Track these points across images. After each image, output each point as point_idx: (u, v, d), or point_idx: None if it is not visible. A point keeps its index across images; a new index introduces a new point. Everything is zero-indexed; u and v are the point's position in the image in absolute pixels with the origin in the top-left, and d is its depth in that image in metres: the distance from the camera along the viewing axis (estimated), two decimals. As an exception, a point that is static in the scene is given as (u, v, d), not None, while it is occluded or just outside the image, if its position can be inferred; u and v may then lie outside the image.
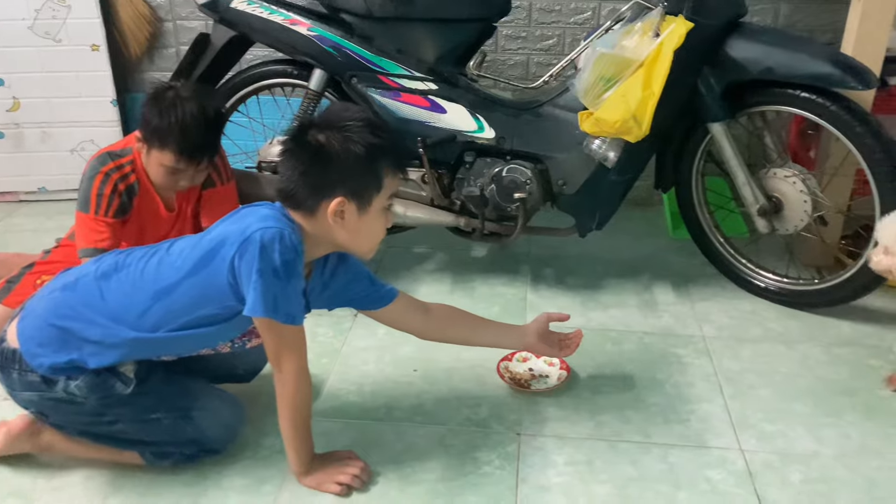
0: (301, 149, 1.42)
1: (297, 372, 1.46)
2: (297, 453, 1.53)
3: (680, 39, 1.89)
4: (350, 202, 1.42)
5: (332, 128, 1.41)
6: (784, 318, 2.19)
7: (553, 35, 2.82)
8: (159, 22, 2.99)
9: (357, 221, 1.44)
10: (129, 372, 1.51)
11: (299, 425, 1.51)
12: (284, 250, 1.37)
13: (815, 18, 2.70)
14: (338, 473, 1.54)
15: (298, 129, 1.44)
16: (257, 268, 1.35)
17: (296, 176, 1.41)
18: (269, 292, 1.36)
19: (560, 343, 1.84)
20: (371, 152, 1.40)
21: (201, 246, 1.44)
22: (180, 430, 1.55)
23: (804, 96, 1.99)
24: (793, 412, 1.79)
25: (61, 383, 1.47)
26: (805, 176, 2.10)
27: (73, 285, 1.50)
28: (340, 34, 2.18)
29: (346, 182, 1.41)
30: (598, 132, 1.98)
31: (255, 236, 1.36)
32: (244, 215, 1.44)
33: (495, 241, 2.32)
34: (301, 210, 1.44)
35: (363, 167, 1.41)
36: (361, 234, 1.47)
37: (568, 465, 1.62)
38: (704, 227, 2.33)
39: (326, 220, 1.42)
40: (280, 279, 1.37)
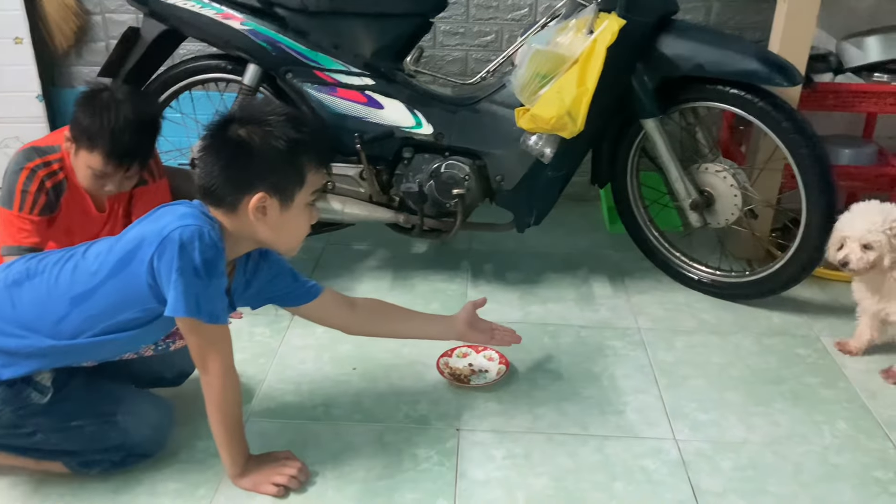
0: (221, 143, 1.39)
1: (223, 372, 1.43)
2: (230, 455, 1.51)
3: (613, 36, 1.91)
4: (272, 198, 1.39)
5: (253, 122, 1.38)
6: (717, 310, 2.24)
7: (491, 31, 2.83)
8: (87, 15, 2.89)
9: (279, 218, 1.42)
10: (46, 380, 1.46)
11: (230, 426, 1.48)
12: (204, 248, 1.34)
13: (744, 17, 2.77)
14: (274, 474, 1.52)
15: (218, 123, 1.41)
16: (177, 267, 1.32)
17: (216, 171, 1.38)
18: (191, 292, 1.34)
19: (492, 332, 1.85)
20: (293, 147, 1.38)
21: (118, 248, 1.39)
22: (105, 437, 1.50)
23: (733, 93, 2.04)
24: (725, 401, 1.83)
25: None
26: (735, 171, 2.15)
27: None
28: (275, 29, 2.14)
29: (268, 177, 1.39)
30: (534, 128, 1.99)
31: (174, 235, 1.33)
32: (161, 214, 1.40)
33: (435, 237, 2.31)
34: (222, 207, 1.41)
35: (285, 162, 1.39)
36: (284, 230, 1.45)
37: (506, 458, 1.63)
38: (639, 222, 2.37)
39: (248, 217, 1.40)
40: (201, 278, 1.34)
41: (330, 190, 2.24)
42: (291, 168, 1.40)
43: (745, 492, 1.55)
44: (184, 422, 1.69)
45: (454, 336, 1.84)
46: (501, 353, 1.95)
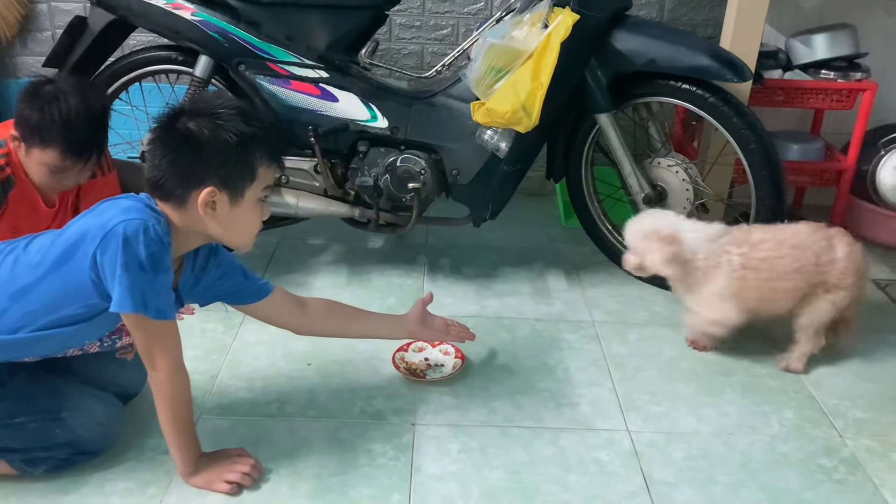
0: (170, 136, 1.36)
1: (171, 369, 1.41)
2: (181, 453, 1.48)
3: (567, 31, 1.92)
4: (221, 193, 1.37)
5: (203, 115, 1.35)
6: (669, 303, 2.27)
7: (447, 25, 2.83)
8: (32, 3, 2.81)
9: (229, 213, 1.40)
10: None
11: (181, 424, 1.46)
12: (149, 242, 1.32)
13: (696, 13, 2.81)
14: (227, 472, 1.50)
15: (167, 116, 1.38)
16: (122, 262, 1.30)
17: (164, 164, 1.36)
18: (136, 287, 1.31)
19: (446, 328, 1.85)
20: (244, 141, 1.36)
21: (60, 242, 1.36)
22: (49, 434, 1.46)
23: (685, 88, 2.07)
24: (677, 393, 1.86)
25: None
26: (687, 165, 2.19)
27: None
28: (226, 20, 2.11)
29: (217, 171, 1.36)
30: (489, 122, 2.00)
31: (118, 229, 1.30)
32: (105, 208, 1.37)
33: (391, 231, 2.30)
34: (170, 201, 1.38)
35: (235, 156, 1.36)
36: (235, 226, 1.43)
37: (462, 452, 1.63)
38: (594, 216, 2.39)
39: (197, 212, 1.37)
40: (146, 272, 1.32)
41: (284, 184, 2.21)
42: (242, 162, 1.38)
43: (696, 481, 1.58)
44: (133, 419, 1.66)
45: (406, 335, 1.84)
46: (457, 348, 1.95)
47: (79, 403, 1.51)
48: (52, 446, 1.48)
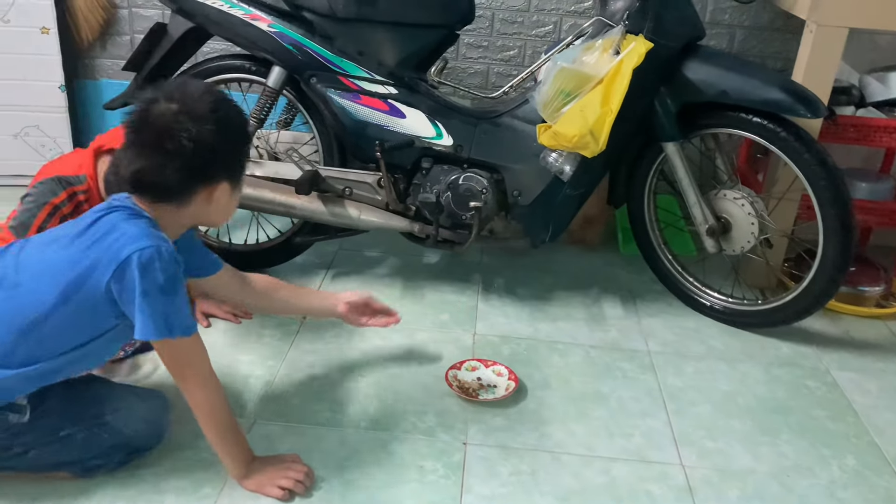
0: (169, 142, 1.33)
1: (203, 381, 1.43)
2: (231, 458, 1.50)
3: (639, 58, 1.91)
4: (228, 183, 1.42)
5: (199, 118, 1.34)
6: (726, 337, 2.23)
7: (514, 46, 2.84)
8: (114, 8, 2.91)
9: (228, 200, 1.45)
10: (21, 400, 1.42)
11: (224, 432, 1.47)
12: (165, 266, 1.33)
13: (767, 46, 2.78)
14: (280, 477, 1.51)
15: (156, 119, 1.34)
16: (140, 290, 1.31)
17: (169, 171, 1.34)
18: (159, 312, 1.32)
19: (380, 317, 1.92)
20: (244, 137, 1.43)
21: (66, 273, 1.35)
22: (98, 440, 1.47)
23: (756, 121, 2.04)
24: (732, 429, 1.83)
25: None
26: (753, 199, 2.15)
27: None
28: (302, 32, 2.15)
29: (229, 165, 1.41)
30: (555, 145, 2.00)
31: (132, 259, 1.31)
32: (112, 237, 1.35)
33: (448, 248, 2.31)
34: (170, 202, 1.39)
35: (239, 153, 1.42)
36: (227, 209, 1.47)
37: (512, 475, 1.62)
38: (654, 244, 2.37)
39: (200, 206, 1.41)
40: (168, 295, 1.33)
41: (347, 196, 2.24)
42: (244, 155, 1.45)
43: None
44: (188, 419, 1.69)
45: (333, 315, 1.87)
46: (511, 369, 1.94)
47: (118, 403, 1.52)
48: (104, 451, 1.49)
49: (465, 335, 2.14)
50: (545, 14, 2.80)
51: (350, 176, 2.24)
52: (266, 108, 2.27)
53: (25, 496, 1.48)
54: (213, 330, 2.05)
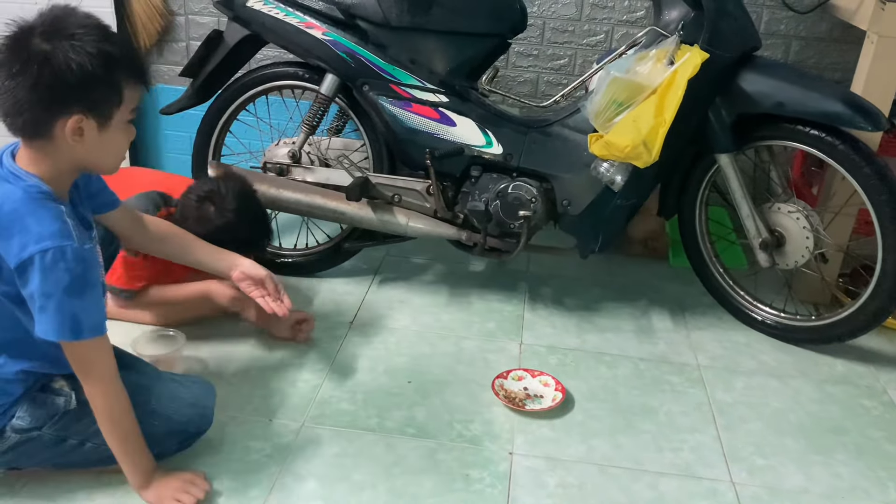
0: (24, 60, 1.24)
1: (107, 382, 1.38)
2: (132, 466, 1.45)
3: (695, 69, 1.89)
4: (89, 119, 1.30)
5: (58, 35, 1.25)
6: (777, 352, 2.19)
7: (565, 55, 2.83)
8: (171, 15, 2.98)
9: (98, 138, 1.32)
10: (65, 386, 1.45)
11: (124, 436, 1.43)
12: (70, 266, 1.28)
13: (824, 56, 2.72)
14: (181, 492, 1.47)
15: (16, 34, 1.27)
16: (42, 292, 1.27)
17: (22, 93, 1.25)
18: (65, 313, 1.28)
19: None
20: (108, 62, 1.28)
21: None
22: (150, 428, 1.48)
23: (813, 133, 2.00)
24: (784, 447, 1.79)
25: (7, 429, 1.42)
26: (809, 212, 2.11)
27: None
28: (355, 41, 2.17)
29: (83, 97, 1.28)
30: (607, 155, 1.98)
31: (34, 260, 1.26)
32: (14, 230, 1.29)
33: (495, 256, 2.31)
34: (35, 138, 1.31)
35: (99, 80, 1.27)
36: (104, 150, 1.36)
37: (559, 487, 1.61)
38: (705, 257, 2.33)
39: (65, 142, 1.30)
40: (73, 296, 1.28)
41: (396, 203, 2.25)
42: (107, 85, 1.30)
43: (803, 544, 1.51)
44: (239, 422, 1.72)
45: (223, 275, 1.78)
46: (558, 380, 1.93)
47: (162, 391, 1.53)
48: (158, 439, 1.50)
49: (511, 344, 2.13)
50: (597, 23, 2.78)
51: (399, 183, 2.25)
52: (318, 115, 2.29)
53: (81, 489, 1.51)
54: (264, 332, 2.08)
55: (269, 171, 2.32)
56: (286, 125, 2.68)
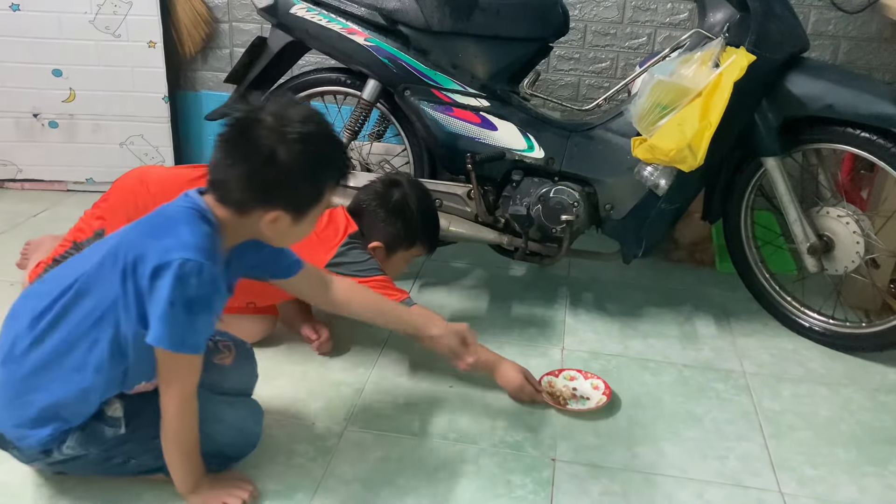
0: (248, 149, 1.31)
1: (182, 399, 1.40)
2: (181, 474, 1.47)
3: (741, 71, 1.86)
4: (286, 213, 1.36)
5: (284, 134, 1.31)
6: (826, 360, 2.14)
7: (606, 58, 2.81)
8: (216, 22, 3.03)
9: (288, 229, 1.39)
10: (117, 412, 1.45)
11: (184, 450, 1.45)
12: (202, 284, 1.30)
13: (875, 57, 2.67)
14: (226, 495, 1.49)
15: (246, 121, 1.33)
16: (169, 299, 1.28)
17: (236, 175, 1.33)
18: (177, 326, 1.30)
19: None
20: (322, 167, 1.35)
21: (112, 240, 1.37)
22: None
23: (864, 136, 1.96)
24: (834, 457, 1.75)
25: (55, 452, 1.43)
26: (859, 217, 2.06)
27: (11, 358, 1.40)
28: (397, 46, 2.18)
29: (291, 197, 1.36)
30: (651, 159, 1.96)
31: (174, 265, 1.28)
32: (164, 231, 1.34)
33: (537, 261, 2.30)
34: (232, 207, 1.36)
35: (310, 183, 1.36)
36: (288, 238, 1.44)
37: (603, 494, 1.60)
38: (751, 262, 2.29)
39: (256, 223, 1.37)
40: (191, 314, 1.31)
41: (437, 207, 2.25)
42: (314, 189, 1.38)
43: (855, 556, 1.47)
44: (282, 424, 1.73)
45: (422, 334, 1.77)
46: (608, 384, 1.92)
47: (210, 412, 1.51)
48: None
49: (553, 349, 2.12)
50: (639, 26, 2.76)
51: (440, 187, 2.26)
52: (360, 120, 2.31)
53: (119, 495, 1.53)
54: (307, 338, 2.09)
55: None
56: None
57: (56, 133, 3.01)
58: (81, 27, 2.87)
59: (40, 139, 3.02)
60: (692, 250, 2.66)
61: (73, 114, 2.99)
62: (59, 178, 3.08)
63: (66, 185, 3.10)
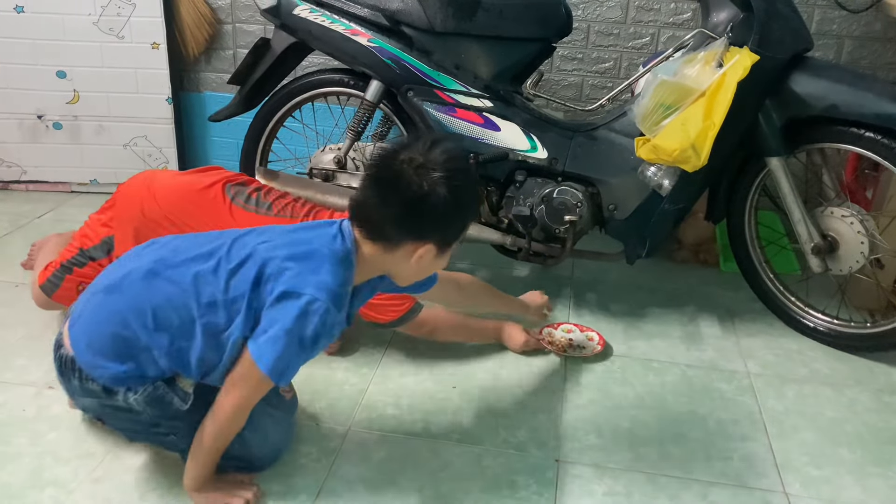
0: (400, 185, 1.36)
1: (239, 407, 1.42)
2: (198, 470, 1.49)
3: (744, 71, 1.86)
4: (435, 247, 1.42)
5: (431, 172, 1.35)
6: (831, 360, 2.14)
7: (610, 58, 2.81)
8: (219, 24, 3.03)
9: (430, 263, 1.44)
10: (188, 387, 1.48)
11: (215, 451, 1.48)
12: (321, 327, 1.35)
13: (879, 57, 2.66)
14: (229, 496, 1.50)
15: (388, 161, 1.38)
16: (287, 328, 1.33)
17: (389, 212, 1.38)
18: (285, 356, 1.35)
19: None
20: (471, 203, 1.45)
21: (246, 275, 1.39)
22: (228, 447, 1.50)
23: (868, 136, 1.95)
24: (839, 458, 1.74)
25: (121, 395, 1.44)
26: (863, 217, 2.06)
27: (117, 287, 1.45)
28: (400, 47, 2.18)
29: (442, 233, 1.42)
30: (654, 159, 1.96)
31: (304, 299, 1.33)
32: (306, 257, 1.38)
33: (540, 261, 2.30)
34: (379, 241, 1.41)
35: (459, 218, 1.44)
36: (425, 271, 1.51)
37: (606, 495, 1.59)
38: (755, 262, 2.29)
39: (404, 258, 1.42)
40: (303, 349, 1.36)
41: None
42: (462, 222, 1.46)
43: (860, 558, 1.47)
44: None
45: None
46: (601, 336, 2.13)
47: (258, 424, 1.54)
48: (225, 457, 1.52)
49: (557, 350, 2.12)
50: (642, 26, 2.75)
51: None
52: (363, 120, 2.31)
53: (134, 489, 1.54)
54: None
55: (314, 176, 2.34)
56: (332, 131, 2.71)
57: (60, 134, 3.02)
58: (85, 29, 2.87)
59: (44, 140, 3.03)
60: (696, 250, 2.66)
61: (76, 115, 2.99)
62: (63, 179, 3.09)
63: (70, 187, 3.11)
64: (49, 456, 1.62)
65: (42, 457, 1.62)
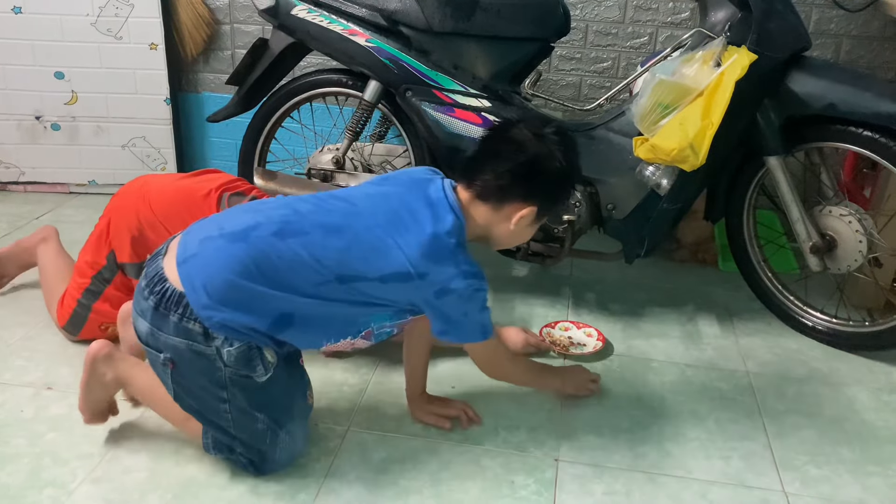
0: (514, 147, 1.49)
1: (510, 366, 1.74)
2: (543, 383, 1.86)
3: (742, 70, 1.86)
4: (536, 210, 1.52)
5: (545, 138, 1.50)
6: (830, 359, 2.14)
7: (608, 58, 2.81)
8: (217, 24, 3.03)
9: (526, 227, 1.56)
10: (273, 358, 1.49)
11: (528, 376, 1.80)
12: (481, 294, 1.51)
13: (877, 56, 2.66)
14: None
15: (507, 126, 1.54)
16: (463, 311, 1.50)
17: (503, 170, 1.49)
18: (477, 323, 1.53)
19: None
20: (575, 181, 1.59)
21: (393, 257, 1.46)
22: (261, 438, 1.52)
23: (866, 135, 1.95)
24: (839, 457, 1.74)
25: (218, 341, 1.43)
26: (862, 216, 2.06)
27: (242, 236, 1.44)
28: (398, 47, 2.18)
29: (546, 197, 1.53)
30: (652, 159, 1.96)
31: (459, 288, 1.47)
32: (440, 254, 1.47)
33: (539, 261, 2.30)
34: (493, 201, 1.51)
35: (565, 191, 1.58)
36: (518, 237, 1.59)
37: (606, 494, 1.59)
38: (753, 261, 2.29)
39: (505, 218, 1.52)
40: (484, 311, 1.53)
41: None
42: (565, 194, 1.60)
43: (860, 556, 1.47)
44: (287, 425, 1.73)
45: None
46: (600, 332, 2.13)
47: (294, 431, 1.56)
48: (249, 447, 1.53)
49: (555, 350, 2.12)
50: (640, 25, 2.76)
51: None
52: (362, 121, 2.31)
53: (134, 488, 1.54)
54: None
55: (313, 176, 2.34)
56: (330, 131, 2.71)
57: (58, 135, 3.02)
58: (83, 29, 2.87)
59: (43, 142, 3.02)
60: (695, 250, 2.66)
61: (75, 116, 2.99)
62: (62, 180, 3.09)
63: (68, 188, 3.10)
64: (48, 456, 1.62)
65: (41, 457, 1.62)
